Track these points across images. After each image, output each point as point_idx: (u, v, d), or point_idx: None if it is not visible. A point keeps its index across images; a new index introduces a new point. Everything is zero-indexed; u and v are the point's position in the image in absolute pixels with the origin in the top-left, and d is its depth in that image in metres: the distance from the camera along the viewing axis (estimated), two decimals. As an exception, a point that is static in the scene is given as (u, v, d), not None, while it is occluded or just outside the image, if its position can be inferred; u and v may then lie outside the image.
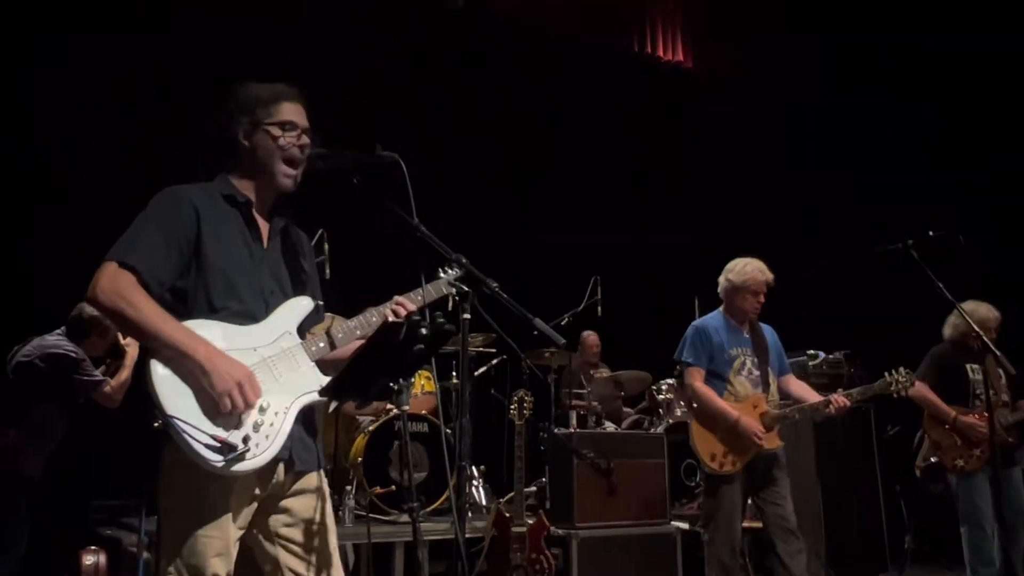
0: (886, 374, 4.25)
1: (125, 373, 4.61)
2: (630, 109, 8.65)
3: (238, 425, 2.03)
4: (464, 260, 2.15)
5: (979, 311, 4.77)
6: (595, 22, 8.10)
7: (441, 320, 1.92)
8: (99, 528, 4.98)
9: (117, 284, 2.05)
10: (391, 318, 2.16)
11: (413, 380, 4.88)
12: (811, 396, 4.32)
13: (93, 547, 4.55)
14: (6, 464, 4.23)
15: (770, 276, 4.32)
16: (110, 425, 4.90)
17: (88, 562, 4.48)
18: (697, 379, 4.26)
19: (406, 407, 2.01)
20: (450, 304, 2.52)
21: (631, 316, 7.38)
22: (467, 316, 2.08)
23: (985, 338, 3.97)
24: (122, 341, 4.71)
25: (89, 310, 4.57)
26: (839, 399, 4.09)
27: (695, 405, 4.30)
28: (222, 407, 2.00)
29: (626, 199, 8.69)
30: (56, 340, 4.50)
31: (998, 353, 3.77)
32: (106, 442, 5.12)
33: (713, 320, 4.41)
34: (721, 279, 4.42)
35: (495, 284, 2.12)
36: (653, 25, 8.50)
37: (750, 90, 8.94)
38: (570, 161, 8.22)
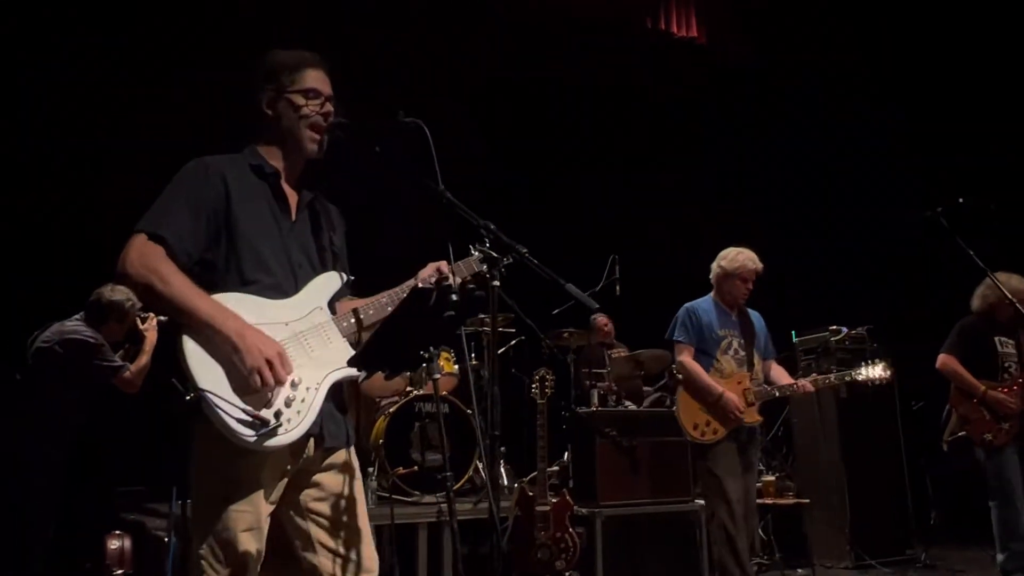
0: (862, 363, 4.56)
1: (144, 358, 4.60)
2: (647, 86, 8.55)
3: (270, 400, 2.00)
4: (492, 227, 2.10)
5: (1011, 282, 4.69)
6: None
7: (472, 286, 1.87)
8: (123, 513, 4.99)
9: (147, 257, 2.02)
10: (421, 284, 2.12)
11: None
12: (787, 380, 4.59)
13: (118, 532, 4.56)
14: (31, 449, 4.24)
15: (760, 265, 4.55)
16: (132, 410, 4.91)
17: (113, 546, 4.49)
18: (686, 354, 4.49)
19: (437, 376, 1.97)
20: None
21: (650, 294, 7.33)
22: (497, 283, 2.03)
23: (1019, 306, 3.89)
24: (140, 326, 4.71)
25: (108, 295, 4.57)
26: (805, 384, 4.47)
27: (682, 378, 4.54)
28: (252, 384, 1.98)
29: (645, 176, 8.63)
30: (75, 326, 4.50)
31: (1032, 320, 3.69)
32: (128, 427, 5.12)
33: (704, 303, 4.64)
34: (714, 266, 4.64)
35: (524, 250, 2.08)
36: (667, 2, 8.39)
37: (764, 68, 8.85)
38: (589, 139, 8.15)
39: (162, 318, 4.67)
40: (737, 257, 4.53)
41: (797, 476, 6.00)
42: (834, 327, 6.24)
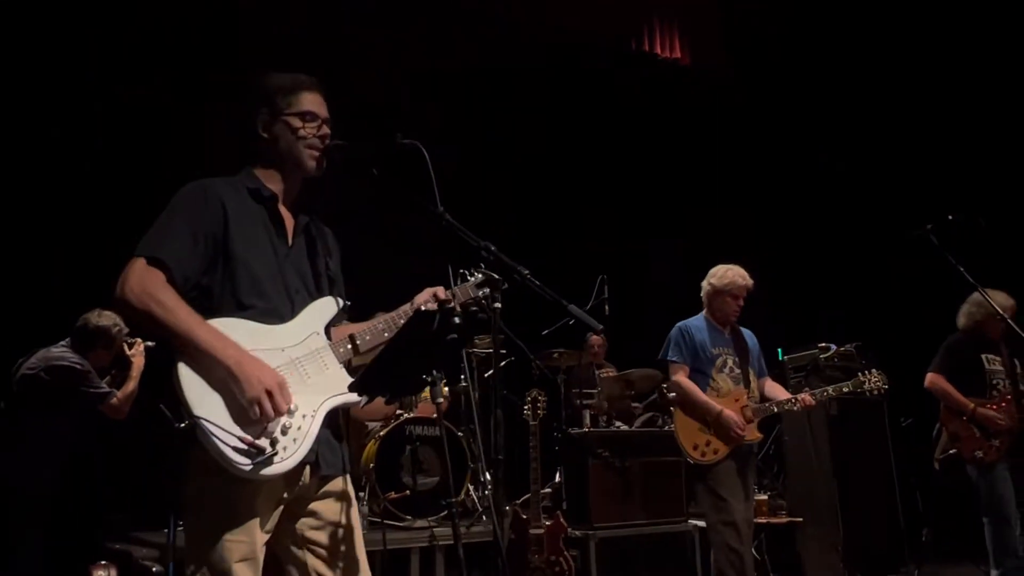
0: (859, 375, 4.51)
1: (132, 384, 4.54)
2: (631, 106, 8.61)
3: (266, 428, 1.97)
4: (492, 248, 2.09)
5: (995, 298, 4.73)
6: (596, 20, 8.07)
7: (474, 308, 1.86)
8: (108, 542, 4.89)
9: (147, 283, 1.99)
10: (423, 307, 2.10)
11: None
12: (783, 395, 4.56)
13: (103, 562, 4.47)
14: (16, 479, 4.16)
15: (750, 282, 4.53)
16: (118, 437, 4.84)
17: (99, 577, 4.40)
18: (681, 375, 4.45)
19: (440, 399, 1.95)
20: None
21: (637, 314, 7.33)
22: (499, 305, 2.02)
23: (1011, 322, 3.92)
24: (127, 351, 4.65)
25: (95, 320, 4.51)
26: (805, 398, 4.39)
27: (679, 399, 4.51)
28: (251, 415, 1.95)
29: (632, 198, 8.67)
30: (61, 352, 4.43)
31: (1024, 336, 3.72)
32: (114, 455, 5.04)
33: (696, 321, 4.60)
34: (704, 283, 4.62)
35: (526, 271, 2.06)
36: (651, 23, 8.47)
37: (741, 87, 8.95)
38: (574, 159, 8.18)
39: (150, 343, 4.62)
40: (726, 274, 4.51)
41: (789, 495, 5.99)
42: (823, 344, 6.25)
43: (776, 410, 4.46)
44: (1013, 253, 6.73)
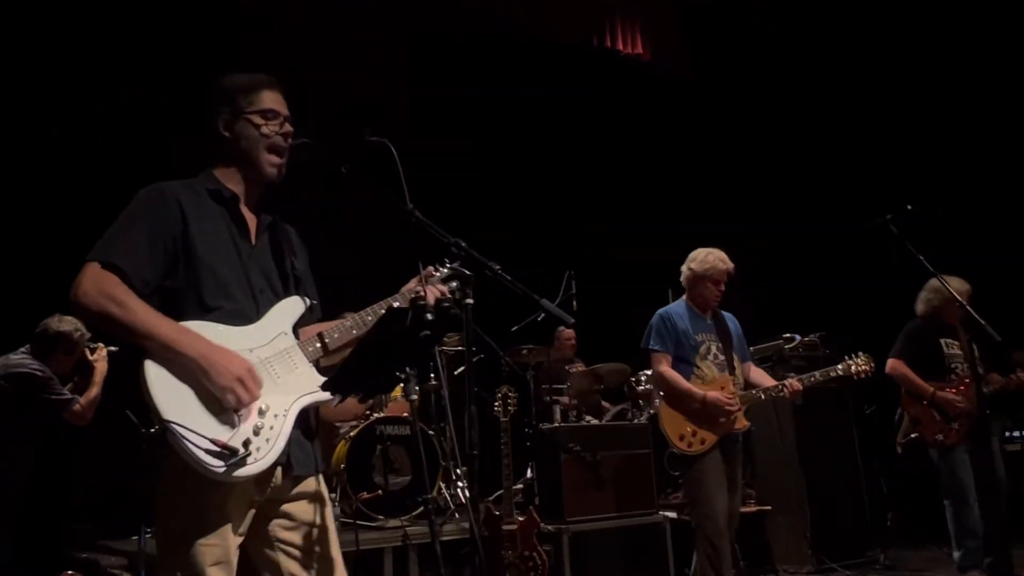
0: (846, 357, 4.42)
1: (95, 390, 4.47)
2: (599, 103, 8.65)
3: (238, 429, 1.95)
4: (463, 244, 2.09)
5: (952, 284, 4.84)
6: (558, 17, 8.08)
7: (447, 304, 1.86)
8: (75, 551, 4.81)
9: (102, 285, 1.96)
10: (395, 304, 2.10)
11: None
12: (769, 381, 4.46)
13: (70, 571, 4.39)
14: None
15: (731, 265, 4.43)
16: (82, 444, 4.76)
17: (66, 587, 4.33)
18: (664, 364, 4.34)
19: (414, 397, 1.95)
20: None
21: (605, 309, 7.37)
22: (471, 301, 2.02)
23: (968, 307, 4.01)
24: (89, 357, 4.57)
25: (55, 326, 4.42)
26: (793, 383, 4.28)
27: (663, 390, 4.41)
28: (225, 404, 1.93)
29: (599, 190, 8.72)
30: (20, 359, 4.35)
31: (982, 321, 3.81)
32: (79, 462, 4.96)
33: (677, 308, 4.50)
34: (684, 268, 4.51)
35: (497, 267, 2.07)
36: (613, 19, 8.51)
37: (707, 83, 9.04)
38: (538, 154, 8.19)
39: (112, 348, 4.55)
40: (707, 258, 4.40)
41: (757, 483, 6.07)
42: (787, 335, 6.33)
43: (764, 397, 4.35)
44: (969, 240, 6.89)
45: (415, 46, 7.44)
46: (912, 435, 5.17)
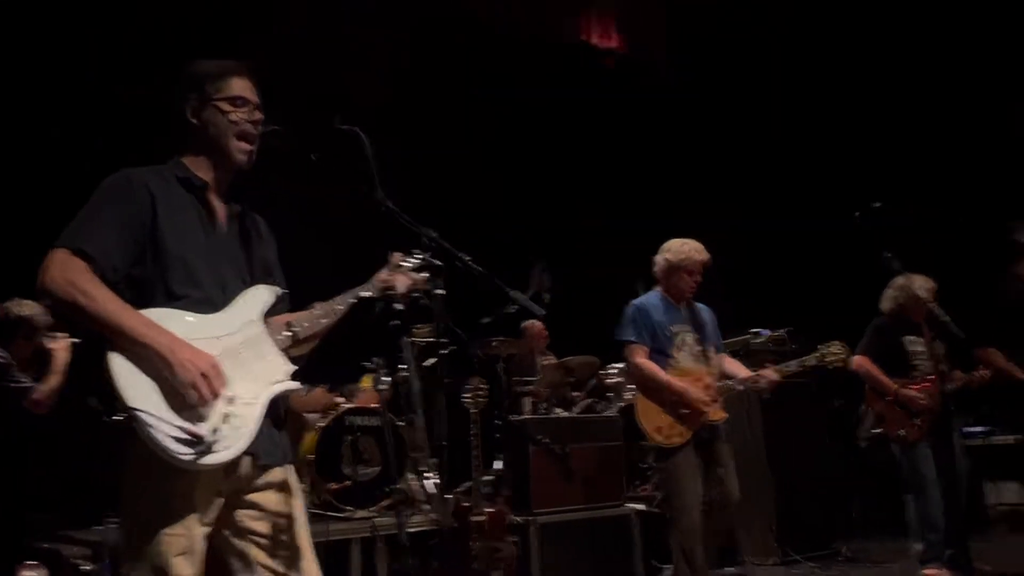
0: (819, 347, 4.40)
1: (55, 379, 4.38)
2: (569, 94, 8.65)
3: (206, 416, 1.93)
4: (434, 234, 2.08)
5: (916, 281, 4.90)
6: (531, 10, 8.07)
7: (416, 295, 1.85)
8: (37, 542, 4.73)
9: (70, 272, 1.93)
10: (364, 293, 2.09)
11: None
12: (744, 372, 4.44)
13: (31, 562, 4.31)
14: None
15: (707, 256, 4.40)
16: (43, 434, 4.67)
17: (27, 578, 4.25)
18: (640, 356, 4.31)
19: (383, 387, 1.94)
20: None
21: (574, 301, 7.39)
22: (442, 292, 2.01)
23: (933, 305, 4.07)
24: (50, 344, 4.48)
25: (15, 310, 4.34)
26: (768, 373, 4.27)
27: (639, 382, 4.38)
28: (188, 399, 1.91)
29: (568, 184, 8.72)
30: (-21, 345, 4.25)
31: (947, 318, 3.87)
32: (40, 452, 4.86)
33: (652, 299, 4.47)
34: (658, 258, 4.46)
35: (468, 258, 2.06)
36: (589, 12, 8.52)
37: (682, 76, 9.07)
38: (510, 147, 8.18)
39: (75, 340, 4.46)
40: (682, 248, 4.37)
41: (725, 476, 6.11)
42: (755, 330, 6.39)
43: (741, 388, 4.34)
44: (935, 238, 6.99)
45: (413, 43, 7.40)
46: (876, 430, 5.24)
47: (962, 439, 5.36)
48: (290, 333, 2.18)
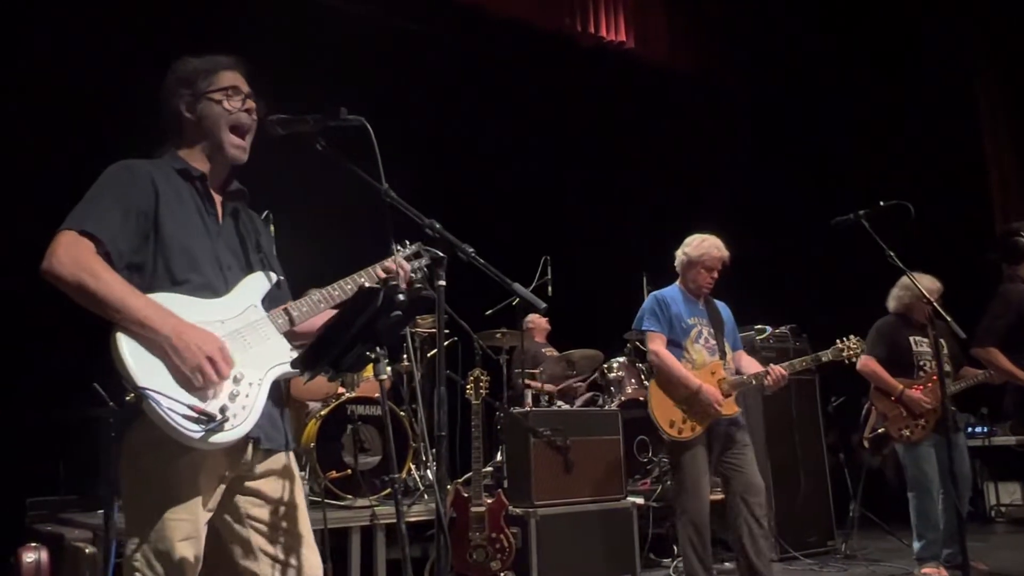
0: (838, 341, 4.40)
1: None
2: (575, 89, 8.63)
3: (215, 395, 1.95)
4: (438, 226, 2.08)
5: (922, 281, 4.89)
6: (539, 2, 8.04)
7: (419, 286, 1.85)
8: (38, 524, 4.76)
9: (77, 254, 1.94)
10: (362, 281, 2.09)
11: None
12: (758, 368, 4.44)
13: (33, 544, 4.34)
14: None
15: (726, 253, 4.44)
16: (46, 417, 4.70)
17: (29, 560, 4.26)
18: (659, 343, 4.34)
19: (384, 376, 1.95)
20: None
21: (579, 295, 7.40)
22: (443, 283, 2.02)
23: (936, 304, 4.06)
24: None
25: None
26: (776, 369, 4.26)
27: (656, 370, 4.38)
28: (194, 382, 1.92)
29: (574, 179, 8.71)
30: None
31: (949, 318, 3.86)
32: (42, 435, 4.90)
33: (671, 291, 4.52)
34: (678, 252, 4.52)
35: (471, 249, 2.07)
36: (597, 5, 8.47)
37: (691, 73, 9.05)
38: (518, 140, 8.18)
39: None
40: (701, 244, 4.41)
41: (725, 472, 6.11)
42: (759, 326, 6.39)
43: (754, 383, 4.33)
44: (940, 238, 6.98)
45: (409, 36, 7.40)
46: (879, 430, 5.24)
47: (965, 439, 5.34)
48: (287, 318, 2.19)
